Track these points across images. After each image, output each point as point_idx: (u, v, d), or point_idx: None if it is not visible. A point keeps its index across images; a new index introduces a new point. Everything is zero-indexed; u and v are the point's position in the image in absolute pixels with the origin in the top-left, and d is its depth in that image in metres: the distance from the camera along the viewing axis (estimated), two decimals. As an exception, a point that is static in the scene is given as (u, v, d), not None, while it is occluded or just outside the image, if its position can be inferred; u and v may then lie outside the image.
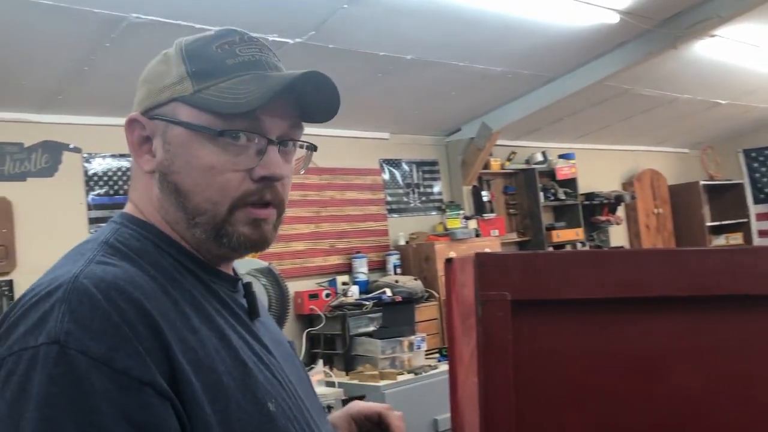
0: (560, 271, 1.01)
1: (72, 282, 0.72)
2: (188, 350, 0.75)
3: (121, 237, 0.84)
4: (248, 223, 0.86)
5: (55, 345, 0.68)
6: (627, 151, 7.75)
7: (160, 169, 0.86)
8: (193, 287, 0.84)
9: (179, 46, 0.88)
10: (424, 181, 5.89)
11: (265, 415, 0.79)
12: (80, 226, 4.04)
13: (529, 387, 0.98)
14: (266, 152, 0.85)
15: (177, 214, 0.86)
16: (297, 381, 0.93)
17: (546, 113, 5.47)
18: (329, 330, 4.45)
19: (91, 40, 3.18)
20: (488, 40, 4.00)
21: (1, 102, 3.75)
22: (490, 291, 1.00)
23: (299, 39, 3.50)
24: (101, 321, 0.70)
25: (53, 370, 0.67)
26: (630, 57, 4.51)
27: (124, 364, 0.69)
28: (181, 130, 0.84)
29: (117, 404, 0.67)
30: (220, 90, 0.83)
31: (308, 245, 5.06)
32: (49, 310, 0.70)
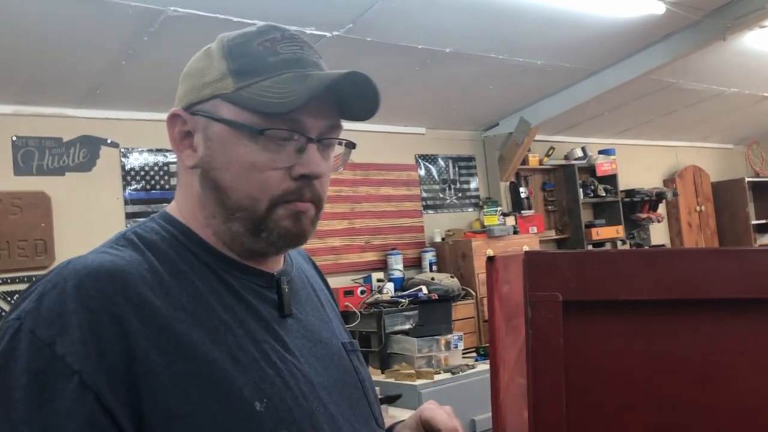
0: (614, 271, 0.95)
1: (60, 269, 0.77)
2: (165, 339, 0.76)
3: (140, 230, 0.87)
4: (289, 217, 0.86)
5: (17, 321, 0.74)
6: (669, 147, 7.57)
7: (201, 164, 0.87)
8: (202, 280, 0.84)
9: (221, 42, 0.89)
10: (460, 177, 5.82)
11: (248, 414, 0.77)
12: (117, 220, 4.06)
13: (580, 391, 0.93)
14: (306, 150, 0.85)
15: (216, 209, 0.87)
16: (330, 384, 0.90)
17: (586, 108, 5.35)
18: (364, 327, 4.40)
19: (129, 34, 3.17)
20: (529, 33, 3.90)
21: (40, 97, 3.77)
22: (540, 291, 0.95)
23: (337, 32, 3.45)
24: (61, 306, 0.73)
25: (6, 344, 0.73)
26: (676, 49, 4.37)
27: (63, 350, 0.71)
28: (222, 127, 0.85)
29: (43, 385, 0.70)
30: (261, 88, 0.83)
31: (343, 241, 5.02)
32: (32, 290, 0.76)
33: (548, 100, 5.30)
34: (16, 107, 3.82)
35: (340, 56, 3.65)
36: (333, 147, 0.91)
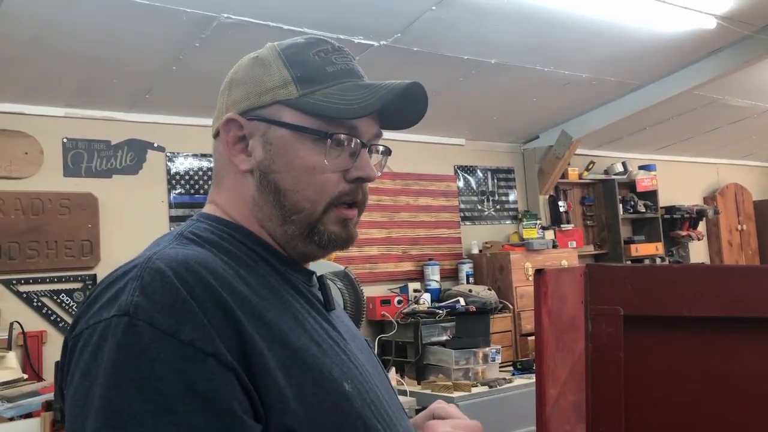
0: (676, 287, 0.94)
1: (146, 262, 0.76)
2: (261, 325, 0.77)
3: (195, 230, 0.88)
4: (338, 223, 0.90)
5: (125, 317, 0.71)
6: (710, 164, 7.45)
7: (259, 168, 0.89)
8: (268, 274, 0.87)
9: (275, 50, 0.92)
10: (498, 189, 5.79)
11: (342, 393, 0.80)
12: (162, 223, 4.11)
13: (640, 407, 0.92)
14: (359, 155, 0.90)
15: (272, 212, 0.89)
16: (375, 373, 0.94)
17: (628, 122, 5.30)
18: (401, 337, 4.39)
19: (181, 39, 3.22)
20: (576, 46, 3.88)
21: (92, 100, 3.85)
22: (601, 305, 0.93)
23: (384, 41, 3.47)
24: (170, 296, 0.73)
25: (121, 339, 0.70)
26: (724, 65, 4.31)
27: (190, 336, 0.71)
28: (284, 132, 0.88)
29: (181, 373, 0.69)
30: (325, 95, 0.87)
31: (381, 250, 5.02)
32: (123, 287, 0.74)
33: (590, 113, 5.25)
34: (67, 110, 3.90)
35: (386, 66, 3.66)
36: (375, 153, 0.96)
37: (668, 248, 6.59)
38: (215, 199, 0.95)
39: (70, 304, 3.81)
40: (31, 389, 2.79)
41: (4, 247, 3.64)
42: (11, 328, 3.57)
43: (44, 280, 3.76)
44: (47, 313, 3.76)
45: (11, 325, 3.58)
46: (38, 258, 3.73)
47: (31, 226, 3.72)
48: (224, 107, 0.93)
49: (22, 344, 3.59)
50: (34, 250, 3.72)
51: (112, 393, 0.68)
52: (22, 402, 2.65)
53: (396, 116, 0.95)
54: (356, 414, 0.80)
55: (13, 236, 3.67)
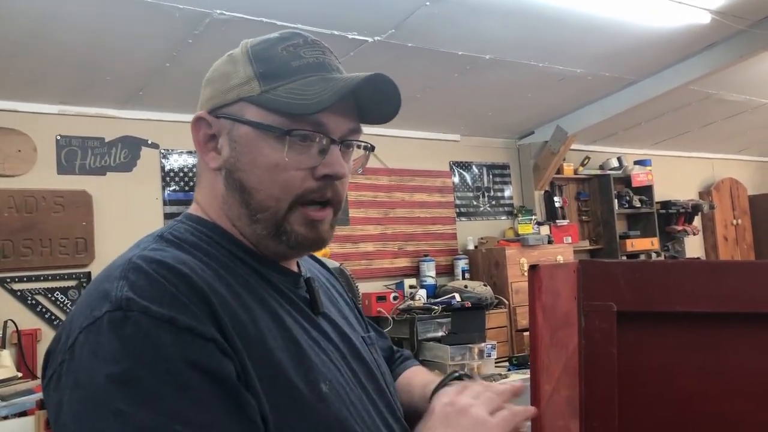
0: (670, 282, 0.94)
1: (127, 263, 0.77)
2: (238, 324, 0.77)
3: (175, 231, 0.88)
4: (304, 224, 0.88)
5: (119, 311, 0.71)
6: (705, 159, 7.46)
7: (226, 166, 0.89)
8: (248, 275, 0.87)
9: (245, 47, 0.91)
10: (494, 185, 5.79)
11: (317, 395, 0.80)
12: (156, 220, 4.10)
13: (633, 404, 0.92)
14: (329, 151, 0.87)
15: (240, 210, 0.88)
16: (363, 373, 0.94)
17: (623, 118, 5.29)
18: (397, 333, 4.39)
19: (174, 36, 3.21)
20: (570, 41, 3.87)
21: (85, 97, 3.83)
22: (594, 301, 0.93)
23: (378, 37, 3.46)
24: (158, 290, 0.73)
25: (120, 331, 0.70)
26: (719, 60, 4.30)
27: (186, 323, 0.71)
28: (247, 129, 0.87)
29: (185, 353, 0.70)
30: (287, 91, 0.85)
31: (376, 247, 5.02)
32: (109, 287, 0.74)
33: (585, 109, 5.25)
34: (60, 107, 3.89)
35: (380, 61, 3.65)
36: (353, 149, 0.94)
37: (664, 243, 6.60)
38: (197, 198, 0.95)
39: (65, 302, 3.79)
40: (26, 387, 2.78)
41: (-3, 245, 3.63)
42: (5, 327, 3.56)
43: (38, 278, 3.75)
44: (42, 311, 3.75)
45: (5, 323, 3.57)
46: (32, 256, 3.72)
47: (25, 224, 3.70)
48: (198, 106, 0.94)
49: (17, 342, 3.58)
50: (29, 248, 3.71)
51: (124, 379, 0.68)
52: (17, 400, 2.65)
53: (372, 110, 0.92)
54: (332, 415, 0.80)
55: (7, 234, 3.65)
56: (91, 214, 3.90)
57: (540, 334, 1.16)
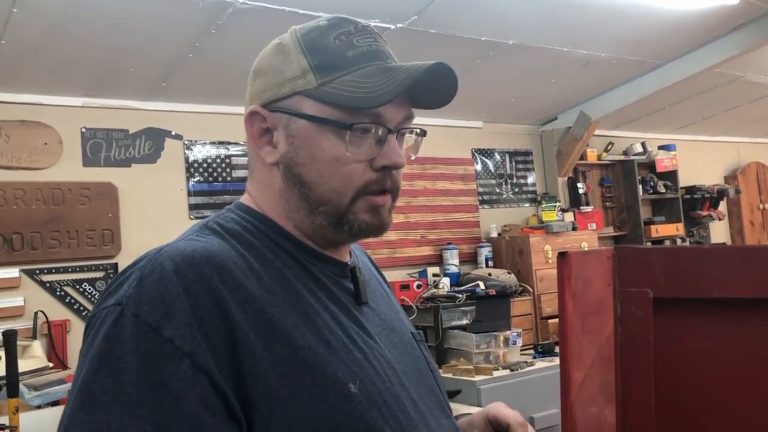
0: (708, 268, 0.92)
1: (154, 255, 0.78)
2: (262, 322, 0.77)
3: (221, 220, 0.88)
4: (368, 211, 0.88)
5: (118, 306, 0.74)
6: (731, 143, 7.35)
7: (284, 161, 0.88)
8: (287, 267, 0.86)
9: (295, 36, 0.89)
10: (517, 172, 5.75)
11: (344, 395, 0.78)
12: (181, 211, 4.13)
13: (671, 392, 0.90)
14: (386, 141, 0.86)
15: (299, 203, 0.88)
16: (408, 371, 0.91)
17: (647, 102, 5.22)
18: (421, 322, 4.39)
19: (197, 26, 3.21)
20: (595, 25, 3.82)
21: (109, 89, 3.86)
22: (630, 288, 0.92)
23: (401, 24, 3.44)
24: (163, 290, 0.74)
25: (109, 329, 0.73)
26: (747, 41, 4.22)
27: (171, 333, 0.72)
28: (305, 123, 0.86)
29: (156, 368, 0.70)
30: (344, 83, 0.84)
31: (399, 235, 5.02)
32: (127, 278, 0.77)
33: (609, 93, 5.19)
34: (84, 99, 3.91)
35: (403, 49, 3.61)
36: (406, 136, 0.92)
37: (689, 229, 6.52)
38: (249, 190, 0.94)
39: (93, 293, 3.84)
40: (57, 377, 2.82)
41: (26, 238, 3.67)
42: (36, 318, 3.61)
43: (66, 270, 3.79)
44: (70, 302, 3.80)
45: (35, 314, 3.62)
46: (60, 248, 3.76)
47: (53, 216, 3.74)
48: (249, 98, 0.92)
49: (47, 333, 3.63)
50: (56, 239, 3.75)
51: (91, 378, 0.71)
52: (49, 390, 2.68)
53: (426, 96, 0.90)
54: (359, 416, 0.78)
55: (35, 226, 3.70)
56: (116, 205, 3.93)
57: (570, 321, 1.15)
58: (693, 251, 0.97)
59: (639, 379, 0.89)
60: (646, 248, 0.94)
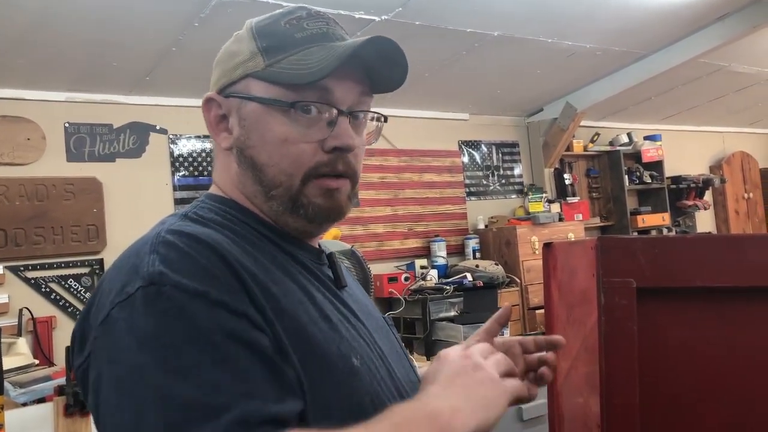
0: (691, 257, 0.93)
1: (156, 237, 0.76)
2: (270, 297, 0.77)
3: (199, 210, 0.87)
4: (322, 194, 0.87)
5: (152, 286, 0.70)
6: (716, 133, 7.40)
7: (237, 144, 0.88)
8: (274, 251, 0.86)
9: (249, 25, 0.90)
10: (503, 164, 5.76)
11: (350, 368, 0.79)
12: (166, 206, 4.11)
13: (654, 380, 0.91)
14: (337, 123, 0.86)
15: (254, 188, 0.88)
16: (389, 352, 0.93)
17: (632, 93, 5.24)
18: (409, 314, 4.40)
19: (180, 19, 3.19)
20: (579, 16, 3.82)
21: (92, 84, 3.82)
22: (613, 277, 0.93)
23: (386, 16, 3.43)
24: (189, 263, 0.73)
25: (156, 306, 0.69)
26: (731, 31, 4.24)
27: (220, 297, 0.71)
28: (254, 105, 0.86)
29: (222, 325, 0.69)
30: (289, 63, 0.84)
31: (386, 228, 5.02)
32: (140, 263, 0.74)
33: (595, 84, 5.20)
34: (68, 94, 3.88)
35: (387, 41, 3.61)
36: (365, 121, 0.92)
37: (675, 218, 6.57)
38: (214, 178, 0.95)
39: (79, 289, 3.82)
40: (43, 374, 2.80)
41: (10, 234, 3.64)
42: (21, 315, 3.58)
43: (51, 266, 3.77)
44: (56, 299, 3.77)
45: (20, 311, 3.59)
46: (45, 244, 3.73)
47: (37, 212, 3.71)
48: (209, 88, 0.93)
49: (32, 330, 3.60)
50: (41, 236, 3.72)
51: (165, 355, 0.67)
52: (35, 387, 2.66)
53: (380, 77, 0.90)
54: (364, 389, 0.80)
55: (19, 223, 3.67)
56: (101, 200, 3.90)
57: (556, 312, 1.16)
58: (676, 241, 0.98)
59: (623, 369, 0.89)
60: (629, 238, 0.94)
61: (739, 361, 0.92)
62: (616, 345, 0.90)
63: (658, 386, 0.91)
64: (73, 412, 2.45)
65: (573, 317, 1.07)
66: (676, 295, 0.93)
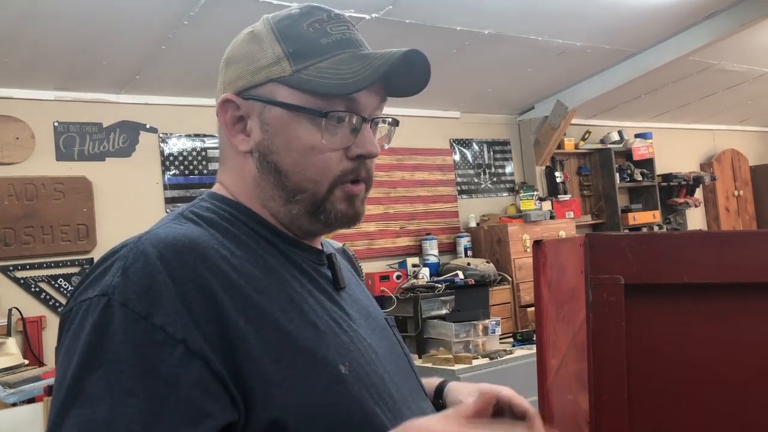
0: (677, 254, 0.93)
1: (135, 243, 0.76)
2: (250, 308, 0.76)
3: (197, 209, 0.87)
4: (345, 200, 0.88)
5: (104, 297, 0.72)
6: (706, 131, 7.43)
7: (258, 149, 0.87)
8: (268, 254, 0.85)
9: (268, 24, 0.88)
10: (495, 162, 5.77)
11: (336, 377, 0.79)
12: (157, 205, 4.09)
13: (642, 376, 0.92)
14: (361, 130, 0.86)
15: (275, 192, 0.87)
16: (387, 353, 0.92)
17: (623, 90, 5.26)
18: (401, 312, 4.40)
19: (169, 18, 3.18)
20: (570, 14, 3.83)
21: (81, 82, 3.80)
22: (601, 274, 0.92)
23: (376, 14, 3.42)
24: (149, 278, 0.72)
25: (97, 319, 0.71)
26: (720, 29, 4.26)
27: (161, 321, 0.71)
28: (279, 111, 0.85)
29: (147, 356, 0.69)
30: (319, 70, 0.83)
31: (378, 226, 5.01)
32: (109, 267, 0.75)
33: (585, 82, 5.22)
34: (57, 93, 3.86)
35: (378, 39, 3.61)
36: (379, 125, 0.92)
37: (665, 216, 6.60)
38: (221, 179, 0.93)
39: (68, 289, 3.80)
40: (33, 374, 2.78)
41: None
42: (10, 315, 3.56)
43: (41, 266, 3.75)
44: (45, 299, 3.75)
45: (10, 311, 3.57)
46: (34, 243, 3.71)
47: (26, 211, 3.69)
48: (222, 87, 0.91)
49: (22, 330, 3.58)
50: (30, 235, 3.70)
51: (81, 372, 0.69)
52: (24, 387, 2.65)
53: (399, 84, 0.90)
54: (351, 397, 0.79)
55: (8, 222, 3.64)
56: (91, 200, 3.88)
57: (546, 309, 1.16)
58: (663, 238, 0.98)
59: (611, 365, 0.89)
60: (617, 235, 0.94)
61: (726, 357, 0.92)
62: (605, 342, 0.90)
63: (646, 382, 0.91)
64: (62, 412, 2.44)
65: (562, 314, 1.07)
66: (664, 292, 0.93)
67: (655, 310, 0.93)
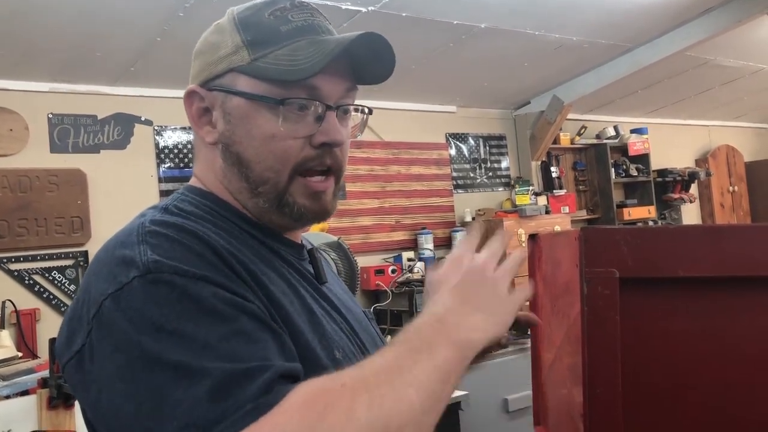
0: (673, 247, 0.92)
1: (140, 228, 0.75)
2: (259, 285, 0.77)
3: (179, 204, 0.86)
4: (308, 196, 0.87)
5: (149, 275, 0.68)
6: (701, 126, 7.44)
7: (222, 140, 0.87)
8: (256, 246, 0.86)
9: (231, 15, 0.89)
10: (491, 156, 5.76)
11: (333, 360, 0.80)
12: (152, 198, 4.07)
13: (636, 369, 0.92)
14: (325, 118, 0.85)
15: (240, 184, 0.87)
16: (369, 346, 0.94)
17: (619, 86, 5.26)
18: (396, 306, 4.40)
19: (165, 9, 3.16)
20: (566, 8, 3.83)
21: (76, 74, 3.78)
22: (596, 268, 0.92)
23: (372, 7, 3.41)
24: (182, 251, 0.72)
25: (156, 294, 0.67)
26: (717, 24, 4.26)
27: (219, 280, 0.70)
28: (240, 101, 0.85)
29: (229, 301, 0.69)
30: (276, 57, 0.83)
31: (373, 220, 5.01)
32: (130, 253, 0.72)
33: (582, 77, 5.21)
34: (51, 84, 3.84)
35: (374, 32, 3.60)
36: (350, 114, 0.91)
37: (661, 211, 6.61)
38: (195, 172, 0.94)
39: (63, 282, 3.79)
40: (27, 367, 2.78)
41: (-7, 226, 3.61)
42: (4, 307, 3.55)
43: (35, 258, 3.73)
44: (39, 291, 3.74)
45: (3, 303, 3.56)
46: (28, 236, 3.69)
47: (20, 203, 3.68)
48: (190, 80, 0.92)
49: (16, 322, 3.57)
50: (24, 227, 3.68)
51: (177, 335, 0.65)
52: (18, 380, 2.65)
53: (366, 71, 0.89)
54: None
55: (2, 214, 3.63)
56: (85, 192, 3.87)
57: (540, 303, 1.16)
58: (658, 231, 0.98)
59: (606, 359, 0.89)
60: (612, 229, 0.94)
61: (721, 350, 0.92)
62: (599, 335, 0.89)
63: (641, 376, 0.91)
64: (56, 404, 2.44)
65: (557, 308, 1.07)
66: (659, 285, 0.93)
67: (650, 303, 0.93)
